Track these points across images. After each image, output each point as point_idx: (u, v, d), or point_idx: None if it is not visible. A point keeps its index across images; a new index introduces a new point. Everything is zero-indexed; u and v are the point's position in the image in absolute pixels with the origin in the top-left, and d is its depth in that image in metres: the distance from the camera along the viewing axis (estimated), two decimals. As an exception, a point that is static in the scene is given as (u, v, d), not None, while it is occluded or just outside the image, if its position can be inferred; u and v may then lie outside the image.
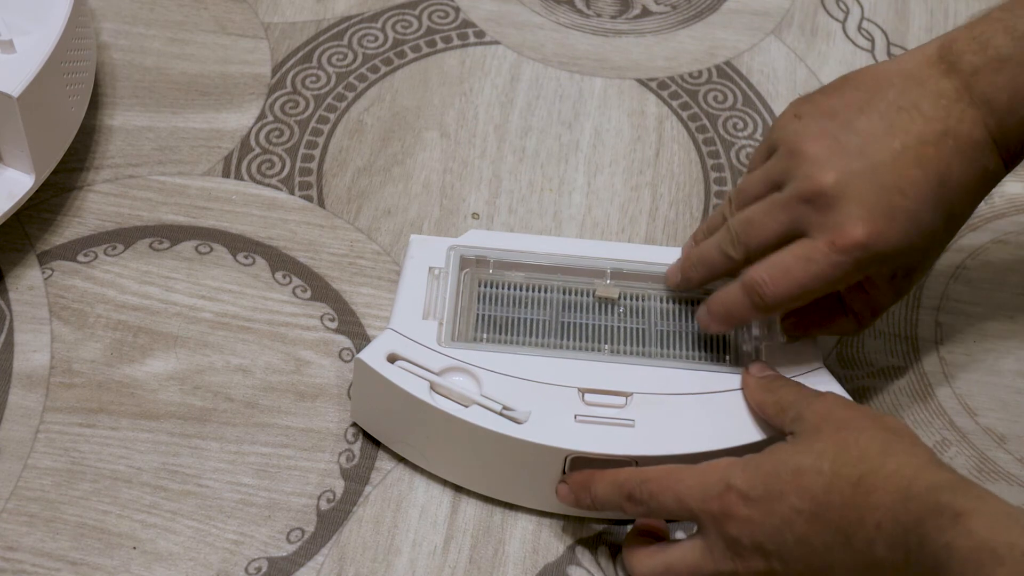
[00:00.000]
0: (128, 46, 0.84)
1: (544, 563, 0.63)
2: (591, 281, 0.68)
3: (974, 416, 0.69)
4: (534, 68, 0.84)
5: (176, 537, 0.63)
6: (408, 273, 0.67)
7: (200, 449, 0.66)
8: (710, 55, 0.85)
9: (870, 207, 0.56)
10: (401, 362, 0.63)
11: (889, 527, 0.50)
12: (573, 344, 0.66)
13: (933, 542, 0.48)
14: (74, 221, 0.75)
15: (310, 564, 0.63)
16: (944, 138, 0.57)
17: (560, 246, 0.69)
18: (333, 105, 0.81)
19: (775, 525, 0.54)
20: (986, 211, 0.77)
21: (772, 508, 0.54)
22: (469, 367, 0.63)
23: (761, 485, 0.54)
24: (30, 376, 0.68)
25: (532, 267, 0.68)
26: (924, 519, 0.49)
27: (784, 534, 0.53)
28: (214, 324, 0.71)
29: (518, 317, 0.66)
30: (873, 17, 0.88)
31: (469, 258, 0.68)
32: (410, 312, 0.65)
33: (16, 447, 0.66)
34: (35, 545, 0.63)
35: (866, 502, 0.51)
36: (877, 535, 0.50)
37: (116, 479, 0.65)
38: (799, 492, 0.53)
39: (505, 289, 0.67)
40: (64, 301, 0.71)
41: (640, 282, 0.68)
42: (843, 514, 0.52)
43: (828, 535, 0.52)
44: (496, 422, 0.61)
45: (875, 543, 0.50)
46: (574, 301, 0.67)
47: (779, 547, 0.54)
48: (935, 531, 0.48)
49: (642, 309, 0.67)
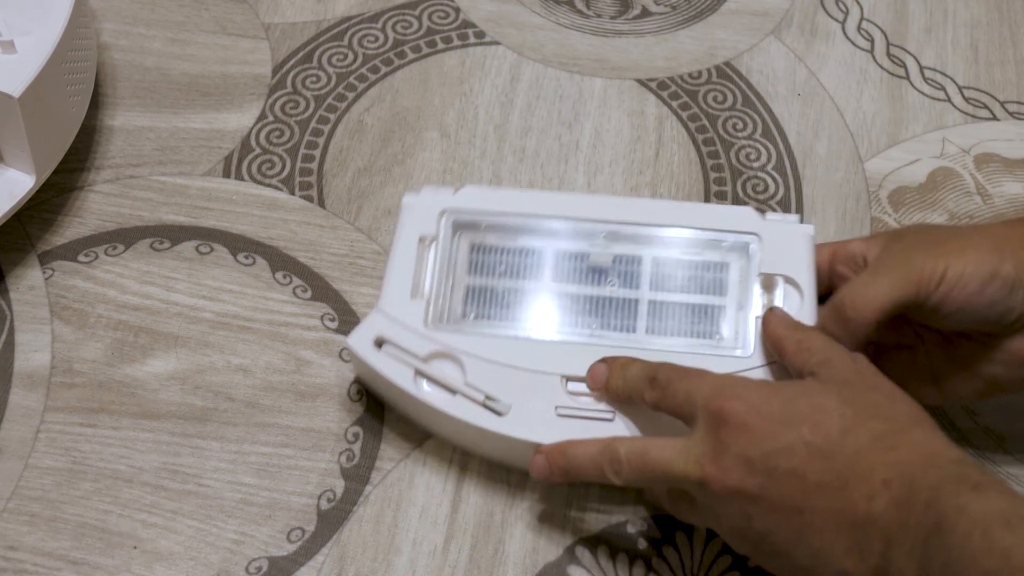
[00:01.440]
0: (129, 46, 0.84)
1: (544, 563, 0.63)
2: (585, 246, 0.67)
3: (974, 416, 0.69)
4: (534, 68, 0.84)
5: (177, 536, 0.63)
6: (399, 244, 0.66)
7: (201, 449, 0.66)
8: (710, 55, 0.85)
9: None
10: (388, 346, 0.64)
11: (898, 486, 0.50)
12: (562, 318, 0.65)
13: (944, 502, 0.47)
14: (75, 221, 0.75)
15: (310, 563, 0.63)
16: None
17: (558, 203, 0.68)
18: (333, 105, 0.81)
19: (775, 447, 0.53)
20: (986, 211, 0.77)
21: (779, 431, 0.53)
22: (455, 352, 0.63)
23: (777, 405, 0.54)
24: (31, 376, 0.68)
25: (525, 229, 0.67)
26: (943, 483, 0.48)
27: (779, 459, 0.53)
28: (215, 324, 0.71)
29: (508, 288, 0.66)
30: (872, 17, 0.88)
31: (461, 222, 0.67)
32: (399, 290, 0.65)
33: (17, 447, 0.66)
34: (36, 544, 0.63)
35: (883, 458, 0.51)
36: (882, 491, 0.50)
37: (117, 479, 0.65)
38: (815, 426, 0.53)
39: (497, 255, 0.67)
40: (65, 301, 0.71)
41: (636, 244, 0.67)
42: (852, 462, 0.51)
43: (827, 476, 0.52)
44: (478, 414, 0.62)
45: (876, 498, 0.50)
46: (567, 267, 0.67)
47: (768, 470, 0.53)
48: (950, 494, 0.48)
49: (635, 275, 0.66)
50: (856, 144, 0.80)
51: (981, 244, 0.58)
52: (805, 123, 0.81)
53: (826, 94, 0.83)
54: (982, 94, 0.83)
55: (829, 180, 0.79)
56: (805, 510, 0.52)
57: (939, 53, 0.85)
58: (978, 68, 0.85)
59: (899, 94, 0.83)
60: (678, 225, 0.67)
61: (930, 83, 0.84)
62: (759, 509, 0.53)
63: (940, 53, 0.85)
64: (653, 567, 0.63)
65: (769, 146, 0.80)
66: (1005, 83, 0.84)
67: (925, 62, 0.85)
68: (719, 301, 0.66)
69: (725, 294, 0.66)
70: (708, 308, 0.66)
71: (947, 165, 0.80)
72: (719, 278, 0.66)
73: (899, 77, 0.84)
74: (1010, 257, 0.57)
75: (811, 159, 0.79)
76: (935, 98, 0.83)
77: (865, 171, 0.79)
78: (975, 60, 0.85)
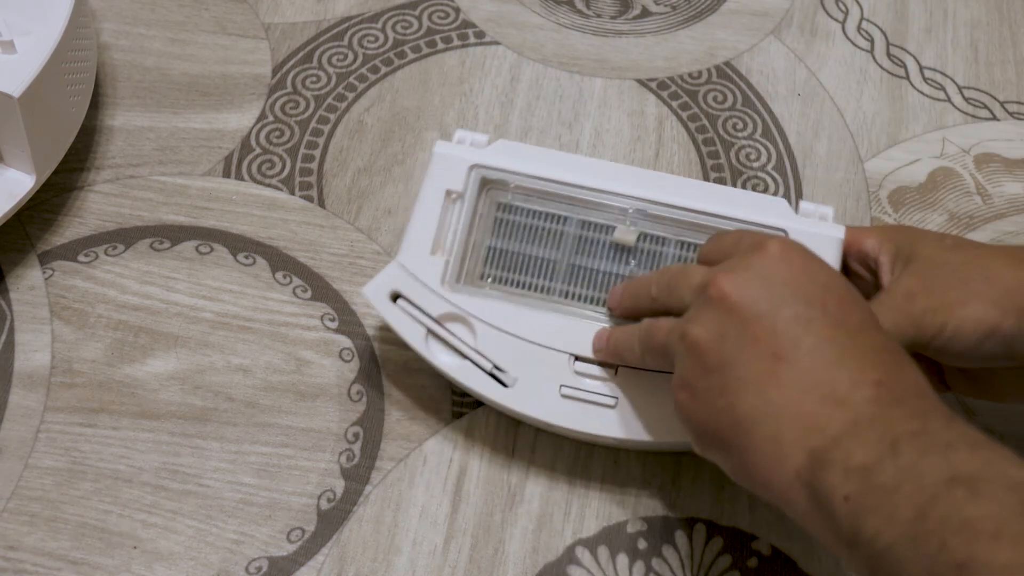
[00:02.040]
0: (129, 46, 0.84)
1: (544, 563, 0.63)
2: (612, 220, 0.66)
3: (974, 416, 0.69)
4: (534, 68, 0.84)
5: (177, 536, 0.63)
6: (425, 195, 0.65)
7: (201, 449, 0.66)
8: (710, 55, 0.85)
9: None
10: (402, 301, 0.64)
11: (886, 390, 0.48)
12: (580, 293, 0.65)
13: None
14: (75, 221, 0.75)
15: (310, 564, 0.63)
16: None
17: (591, 170, 0.66)
18: (333, 105, 0.81)
19: (797, 294, 0.51)
20: (986, 211, 0.77)
21: (810, 286, 0.51)
22: (468, 316, 0.63)
23: (820, 271, 0.52)
24: (31, 376, 0.68)
25: (554, 196, 0.66)
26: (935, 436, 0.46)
27: (794, 302, 0.51)
28: (215, 324, 0.71)
29: (530, 255, 0.66)
30: (872, 17, 0.88)
31: (490, 179, 0.66)
32: (419, 244, 0.65)
33: (17, 447, 0.66)
34: (36, 545, 0.63)
35: (884, 369, 0.49)
36: (871, 387, 0.48)
37: (117, 479, 0.65)
38: (841, 302, 0.51)
39: (522, 216, 0.66)
40: (65, 301, 0.71)
41: (662, 224, 0.65)
42: (858, 349, 0.50)
43: (827, 346, 0.50)
44: (484, 383, 0.63)
45: (861, 388, 0.48)
46: (591, 238, 0.65)
47: (777, 304, 0.51)
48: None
49: (659, 255, 0.65)
50: (856, 144, 0.80)
51: (984, 295, 0.57)
52: (805, 123, 0.81)
53: (826, 94, 0.83)
54: (982, 94, 0.83)
55: (829, 180, 0.79)
56: (785, 359, 0.50)
57: (939, 53, 0.85)
58: (978, 68, 0.85)
59: (899, 94, 0.83)
60: (709, 212, 0.65)
61: (930, 83, 0.84)
62: (741, 332, 0.51)
63: (940, 53, 0.85)
64: (653, 567, 0.63)
65: (769, 146, 0.80)
66: (1005, 83, 0.84)
67: (925, 62, 0.85)
68: None
69: None
70: None
71: (947, 165, 0.80)
72: None
73: (899, 77, 0.84)
74: (1012, 312, 0.56)
75: (811, 159, 0.79)
76: (935, 98, 0.83)
77: (865, 171, 0.79)
78: (975, 60, 0.85)
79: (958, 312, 0.57)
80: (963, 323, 0.57)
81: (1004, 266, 0.58)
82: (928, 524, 0.43)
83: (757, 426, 0.50)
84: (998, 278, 0.58)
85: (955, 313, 0.57)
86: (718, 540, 0.64)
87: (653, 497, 0.66)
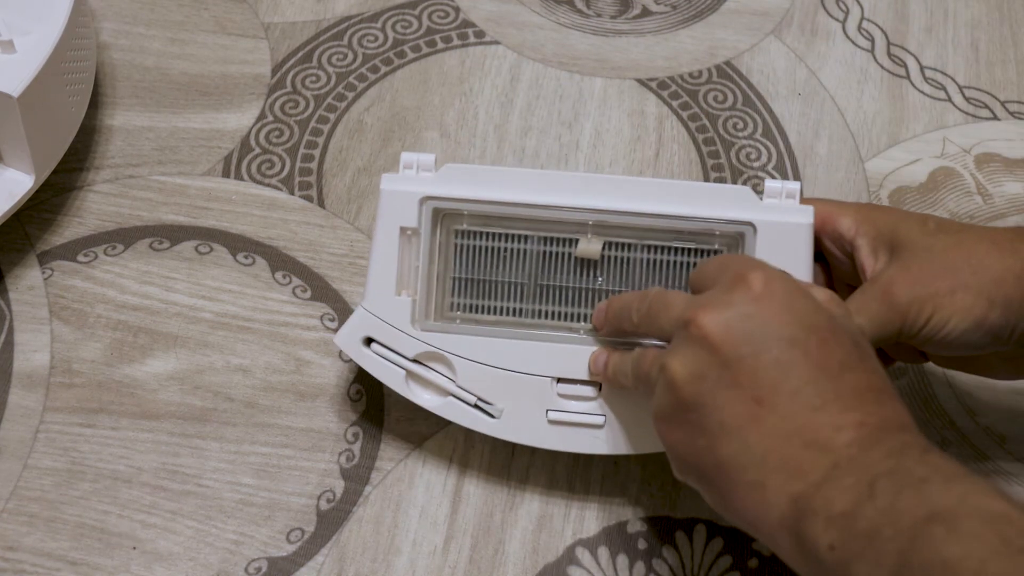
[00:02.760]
0: (128, 46, 0.84)
1: (544, 563, 0.63)
2: (573, 233, 0.63)
3: (974, 416, 0.69)
4: (534, 68, 0.84)
5: (176, 537, 0.63)
6: (380, 235, 0.63)
7: (200, 449, 0.66)
8: (710, 55, 0.85)
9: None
10: (376, 345, 0.63)
11: (867, 433, 0.48)
12: (552, 311, 0.64)
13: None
14: (74, 221, 0.75)
15: (310, 564, 0.63)
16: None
17: (544, 184, 0.63)
18: (333, 105, 0.81)
19: (780, 333, 0.50)
20: (986, 211, 0.77)
21: (790, 324, 0.50)
22: (444, 353, 0.63)
23: (805, 306, 0.51)
24: (30, 376, 0.68)
25: (511, 218, 0.64)
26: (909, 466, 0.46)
27: (777, 345, 0.50)
28: (214, 324, 0.71)
29: (496, 280, 0.64)
30: (873, 17, 0.88)
31: (442, 209, 0.63)
32: (383, 286, 0.63)
33: (16, 447, 0.66)
34: (35, 545, 0.63)
35: (864, 407, 0.49)
36: (852, 428, 0.48)
37: (116, 479, 0.65)
38: (823, 344, 0.50)
39: (482, 241, 0.64)
40: (64, 301, 0.71)
41: (624, 232, 0.63)
42: (839, 394, 0.49)
43: (809, 390, 0.49)
44: (471, 416, 0.63)
45: (843, 431, 0.47)
46: (555, 253, 0.63)
47: (759, 347, 0.50)
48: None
49: (626, 262, 0.63)
50: (856, 144, 0.80)
51: (971, 286, 0.56)
52: (805, 123, 0.81)
53: (826, 94, 0.83)
54: (983, 94, 0.83)
55: (830, 180, 0.78)
56: (766, 405, 0.49)
57: (939, 53, 0.85)
58: (979, 68, 0.85)
59: (900, 94, 0.83)
60: (670, 215, 0.62)
61: (931, 83, 0.84)
62: (720, 374, 0.50)
63: (941, 53, 0.85)
64: (653, 568, 0.63)
65: (769, 146, 0.80)
66: (1006, 83, 0.84)
67: (926, 62, 0.85)
68: None
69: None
70: None
71: (948, 165, 0.79)
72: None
73: (900, 77, 0.84)
74: (1000, 303, 0.56)
75: (811, 159, 0.79)
76: (936, 98, 0.83)
77: (866, 171, 0.79)
78: (976, 60, 0.85)
79: (946, 303, 0.56)
80: (951, 315, 0.56)
81: (988, 253, 0.57)
82: (913, 571, 0.43)
83: (740, 472, 0.49)
84: (984, 267, 0.57)
85: (943, 304, 0.56)
86: (718, 541, 0.64)
87: (653, 498, 0.65)
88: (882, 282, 0.58)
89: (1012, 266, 0.57)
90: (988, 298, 0.56)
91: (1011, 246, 0.57)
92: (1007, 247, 0.57)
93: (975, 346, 0.57)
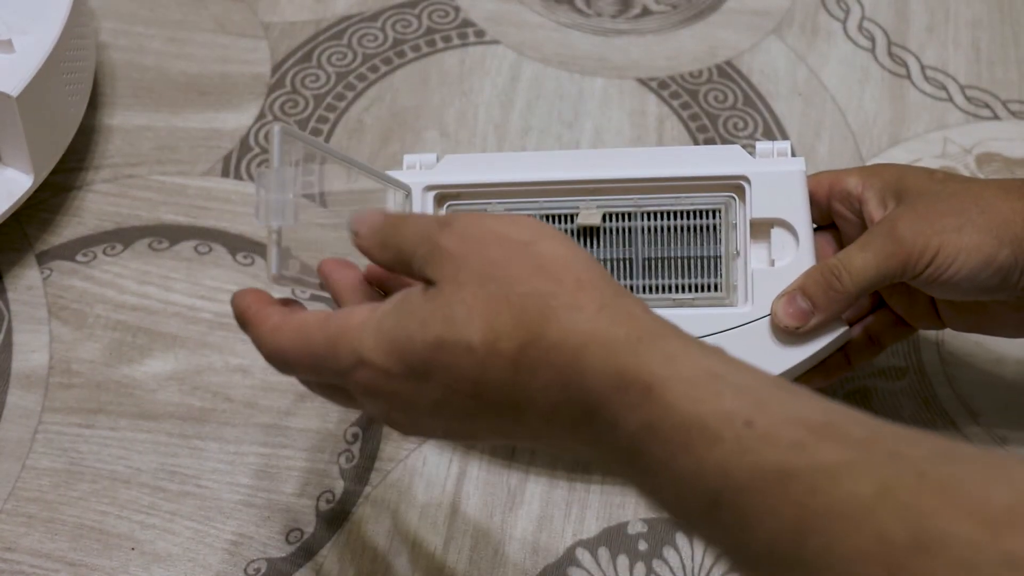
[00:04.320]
0: (127, 46, 0.84)
1: (544, 564, 0.63)
2: (572, 206, 0.64)
3: (976, 418, 0.69)
4: (534, 68, 0.84)
5: (175, 538, 0.63)
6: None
7: (199, 450, 0.66)
8: (711, 55, 0.85)
9: None
10: None
11: (568, 410, 0.42)
12: None
13: (626, 425, 0.40)
14: (73, 221, 0.75)
15: (309, 565, 0.62)
16: None
17: (541, 163, 0.65)
18: (333, 105, 0.81)
19: (431, 402, 0.45)
20: (987, 211, 0.77)
21: (421, 389, 0.44)
22: None
23: (398, 360, 0.45)
24: (29, 376, 0.68)
25: (511, 195, 0.64)
26: (608, 399, 0.41)
27: (443, 409, 0.45)
28: (213, 324, 0.71)
29: None
30: (874, 17, 0.87)
31: (444, 195, 0.65)
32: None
33: (15, 447, 0.66)
34: (33, 546, 0.62)
35: (532, 383, 0.42)
36: (555, 418, 0.43)
37: (115, 479, 0.65)
38: (448, 370, 0.44)
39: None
40: (63, 301, 0.71)
41: (623, 199, 0.64)
42: (510, 394, 0.43)
43: (492, 414, 0.44)
44: None
45: (554, 424, 0.43)
46: (557, 228, 0.62)
47: (441, 418, 0.45)
48: (625, 411, 0.40)
49: (628, 231, 0.64)
50: (857, 144, 0.80)
51: (980, 225, 0.56)
52: (806, 123, 0.81)
53: (827, 94, 0.83)
54: (984, 93, 0.83)
55: (830, 180, 0.78)
56: (495, 433, 0.45)
57: (940, 52, 0.85)
58: (980, 67, 0.84)
59: (900, 93, 0.83)
60: (665, 177, 0.63)
61: (931, 82, 0.83)
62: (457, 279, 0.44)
63: (941, 52, 0.85)
64: (653, 569, 0.63)
65: (770, 146, 0.80)
66: (1007, 82, 0.84)
67: (926, 61, 0.85)
68: (713, 252, 0.64)
69: (719, 244, 0.64)
70: (702, 260, 0.64)
71: (949, 164, 0.79)
72: (712, 227, 0.64)
73: (900, 76, 0.84)
74: (1008, 242, 0.56)
75: (812, 159, 0.79)
76: (937, 97, 0.83)
77: (866, 171, 0.79)
78: (977, 59, 0.85)
79: (953, 239, 0.56)
80: (959, 251, 0.56)
81: (996, 196, 0.57)
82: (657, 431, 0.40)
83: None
84: (993, 208, 0.57)
85: (950, 239, 0.56)
86: (719, 541, 0.64)
87: (654, 498, 0.65)
88: (888, 218, 0.58)
89: (1021, 209, 0.56)
90: (997, 236, 0.56)
91: (1020, 192, 0.57)
92: (1016, 192, 0.57)
93: (984, 288, 0.57)
